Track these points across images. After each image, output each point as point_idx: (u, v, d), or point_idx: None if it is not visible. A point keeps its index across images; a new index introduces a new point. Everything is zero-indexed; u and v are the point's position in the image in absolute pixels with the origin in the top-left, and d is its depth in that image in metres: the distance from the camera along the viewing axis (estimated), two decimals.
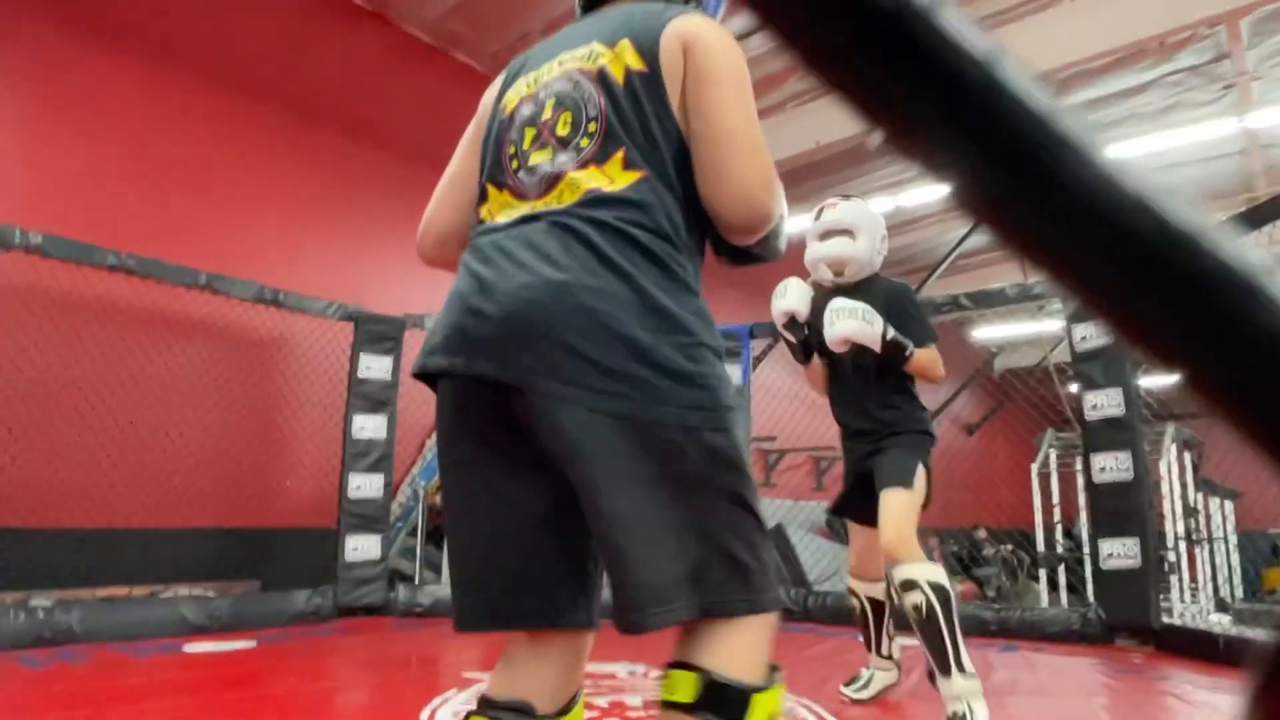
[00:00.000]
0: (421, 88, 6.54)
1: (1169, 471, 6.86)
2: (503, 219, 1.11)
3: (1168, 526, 6.39)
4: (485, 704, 1.12)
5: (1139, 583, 4.05)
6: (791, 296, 2.63)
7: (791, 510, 8.82)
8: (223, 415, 4.90)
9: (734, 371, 5.50)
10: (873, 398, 2.60)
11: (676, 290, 1.03)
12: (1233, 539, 9.10)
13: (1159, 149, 7.34)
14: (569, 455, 0.98)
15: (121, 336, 4.43)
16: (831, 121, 7.20)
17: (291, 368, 5.32)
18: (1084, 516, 6.78)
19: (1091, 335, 4.37)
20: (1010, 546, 9.48)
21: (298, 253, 5.42)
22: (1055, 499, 8.11)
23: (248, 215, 5.23)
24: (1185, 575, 6.97)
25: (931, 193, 8.08)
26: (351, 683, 3.16)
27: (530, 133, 1.13)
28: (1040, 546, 8.13)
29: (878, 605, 2.80)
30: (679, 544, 0.97)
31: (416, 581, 5.36)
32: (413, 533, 5.74)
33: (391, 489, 5.10)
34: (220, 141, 5.13)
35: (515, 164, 1.13)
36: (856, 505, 2.69)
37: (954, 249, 9.97)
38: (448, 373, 1.10)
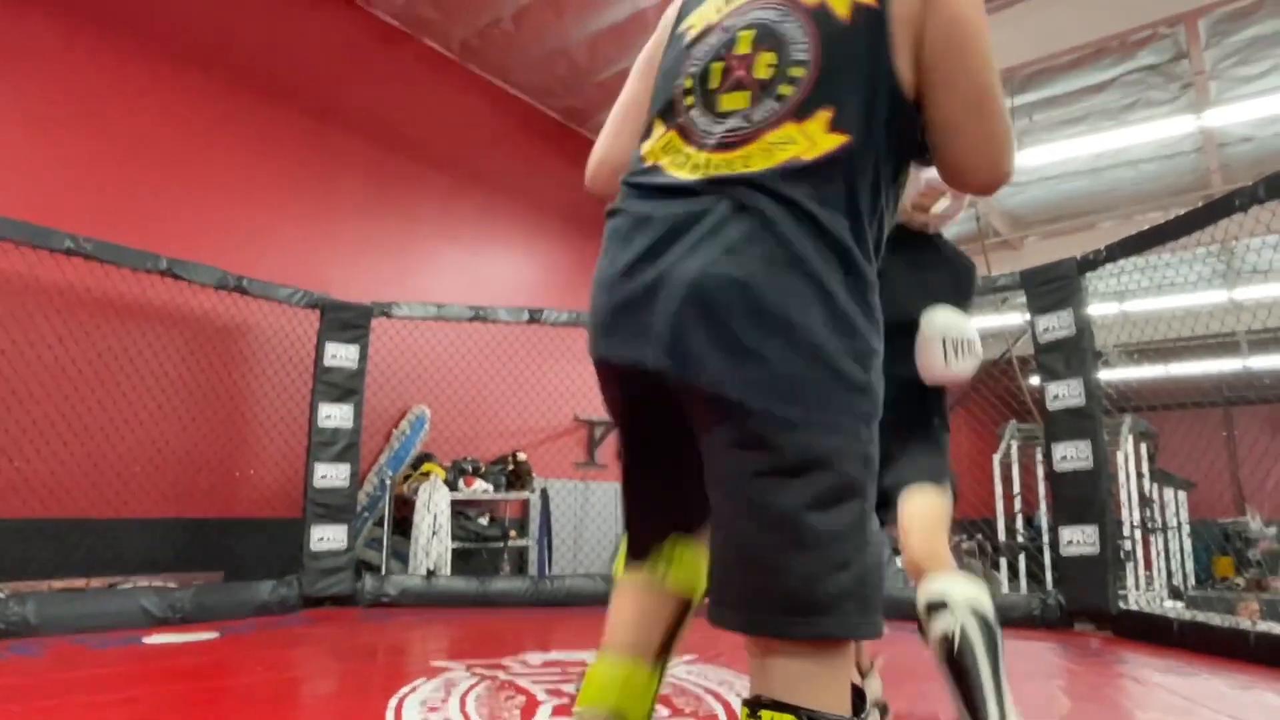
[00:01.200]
0: (390, 72, 6.46)
1: (1126, 462, 7.01)
2: (672, 170, 0.99)
3: (1124, 515, 6.53)
4: None
5: (1097, 569, 4.15)
6: (969, 359, 2.52)
7: None
8: (185, 404, 4.82)
9: None
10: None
11: (857, 291, 0.93)
12: (1186, 528, 9.34)
13: (1119, 145, 7.48)
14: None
15: (79, 323, 4.33)
16: None
17: (256, 356, 5.25)
18: (1044, 506, 6.91)
19: (1054, 328, 4.45)
20: (977, 538, 9.64)
21: (263, 239, 5.33)
22: (1016, 488, 8.25)
23: (212, 200, 5.14)
24: (1140, 563, 7.13)
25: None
26: (318, 673, 3.14)
27: (717, 69, 1.00)
28: (1001, 535, 8.28)
29: None
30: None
31: (383, 571, 5.34)
32: (380, 522, 5.71)
33: (358, 478, 5.05)
34: (184, 124, 5.02)
35: (691, 101, 1.01)
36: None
37: None
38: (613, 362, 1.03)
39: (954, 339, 1.86)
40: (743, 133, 0.95)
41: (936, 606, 1.62)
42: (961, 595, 1.61)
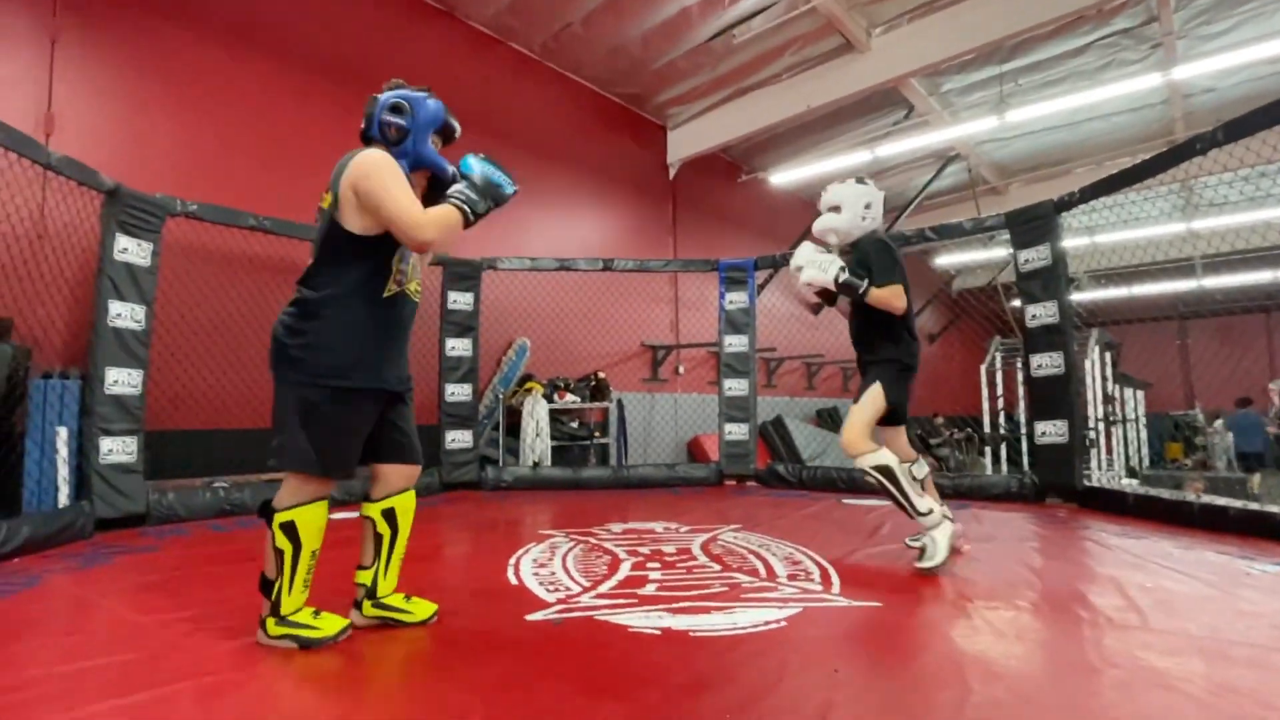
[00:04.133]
0: (484, 71, 6.36)
1: (1092, 368, 6.72)
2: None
3: (1090, 411, 6.30)
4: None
5: (1066, 454, 4.03)
6: (803, 262, 2.58)
7: (789, 405, 8.85)
8: None
9: (742, 296, 5.44)
10: (862, 334, 2.68)
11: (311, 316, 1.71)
12: (1143, 420, 8.98)
13: (1094, 101, 6.92)
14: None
15: (263, 281, 4.49)
16: (821, 88, 6.89)
17: None
18: (1022, 405, 6.72)
19: (1033, 259, 4.23)
20: (966, 431, 9.46)
21: None
22: (1000, 391, 8.03)
23: None
24: (1103, 449, 6.91)
25: (901, 146, 7.75)
26: (456, 539, 3.28)
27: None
28: (987, 429, 8.10)
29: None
30: None
31: (500, 464, 5.51)
32: (496, 427, 5.87)
33: (478, 394, 5.18)
34: (333, 125, 5.05)
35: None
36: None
37: (920, 192, 9.65)
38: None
39: (797, 262, 2.61)
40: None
41: (863, 472, 2.48)
42: (868, 463, 2.45)
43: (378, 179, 1.63)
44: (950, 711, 1.30)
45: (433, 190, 1.87)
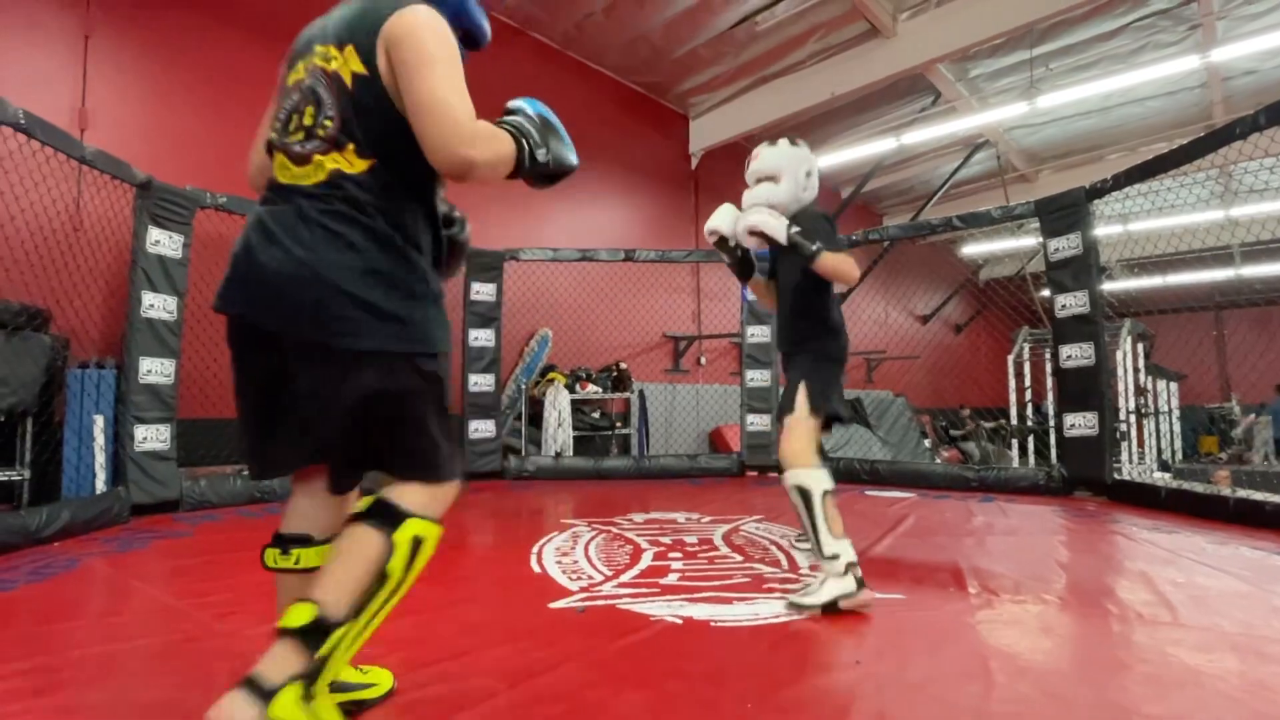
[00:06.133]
0: (507, 61, 6.36)
1: (1124, 359, 6.58)
2: (280, 180, 1.11)
3: (1121, 403, 6.18)
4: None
5: (1096, 447, 3.97)
6: (716, 218, 2.30)
7: None
8: None
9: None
10: (792, 318, 2.26)
11: (391, 252, 1.07)
12: (1176, 413, 8.77)
13: (1128, 85, 6.74)
14: (306, 375, 1.06)
15: None
16: (844, 76, 6.79)
17: None
18: (1051, 397, 6.60)
19: (1063, 248, 4.15)
20: (999, 421, 9.33)
21: None
22: (1027, 383, 7.90)
23: None
24: (1134, 442, 6.77)
25: (928, 133, 7.62)
26: (480, 528, 3.31)
27: (294, 117, 1.10)
28: (1014, 420, 7.98)
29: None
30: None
31: (523, 453, 5.56)
32: (518, 417, 5.92)
33: (500, 385, 5.23)
34: None
35: (290, 138, 1.10)
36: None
37: (948, 179, 9.49)
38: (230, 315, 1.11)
39: (748, 205, 2.22)
40: (303, 157, 1.08)
41: (790, 488, 2.05)
42: (793, 481, 2.04)
43: (426, 41, 1.03)
44: (975, 706, 1.29)
45: None
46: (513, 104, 1.20)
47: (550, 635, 1.68)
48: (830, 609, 1.86)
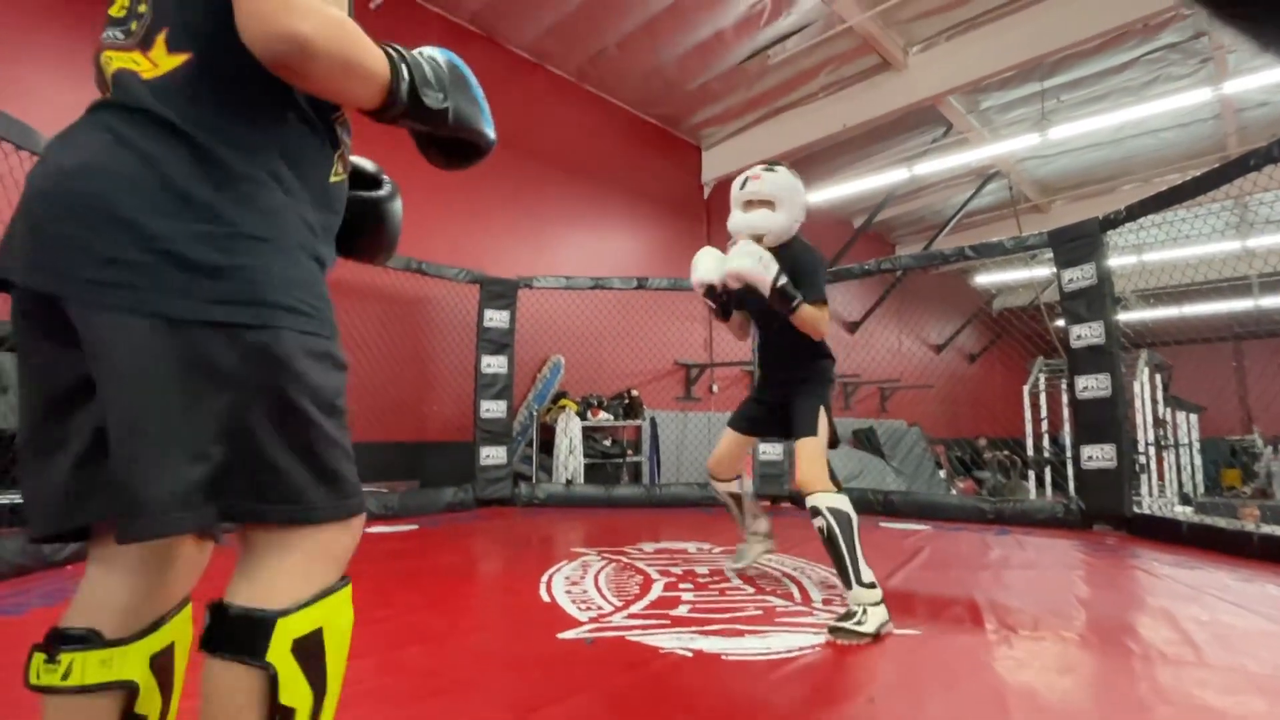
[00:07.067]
0: (525, 93, 6.50)
1: (1142, 390, 6.49)
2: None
3: (1139, 435, 6.08)
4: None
5: (1114, 479, 3.90)
6: (703, 268, 2.33)
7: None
8: (387, 357, 5.10)
9: None
10: (791, 346, 2.34)
11: (214, 177, 0.70)
12: (1196, 445, 8.62)
13: (1140, 117, 6.76)
14: (91, 355, 0.67)
15: (342, 303, 4.62)
16: (857, 108, 6.87)
17: (434, 320, 5.49)
18: (1067, 427, 6.52)
19: (1078, 279, 4.13)
20: (1006, 452, 9.22)
21: (435, 231, 5.51)
22: (1044, 414, 7.81)
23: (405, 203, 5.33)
24: (1154, 475, 6.65)
25: (940, 164, 7.66)
26: (489, 555, 3.30)
27: (109, 23, 0.79)
28: (1030, 452, 7.87)
29: (735, 497, 2.76)
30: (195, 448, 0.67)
31: (534, 480, 5.54)
32: (530, 444, 5.91)
33: (512, 411, 5.23)
34: (388, 151, 5.20)
35: (99, 54, 0.78)
36: (748, 422, 2.59)
37: (960, 209, 9.51)
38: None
39: (738, 250, 2.19)
40: (105, 65, 0.76)
41: (814, 511, 2.08)
42: (825, 504, 2.07)
43: None
44: None
45: None
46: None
47: (559, 666, 1.66)
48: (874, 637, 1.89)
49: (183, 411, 0.66)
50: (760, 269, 2.12)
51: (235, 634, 0.69)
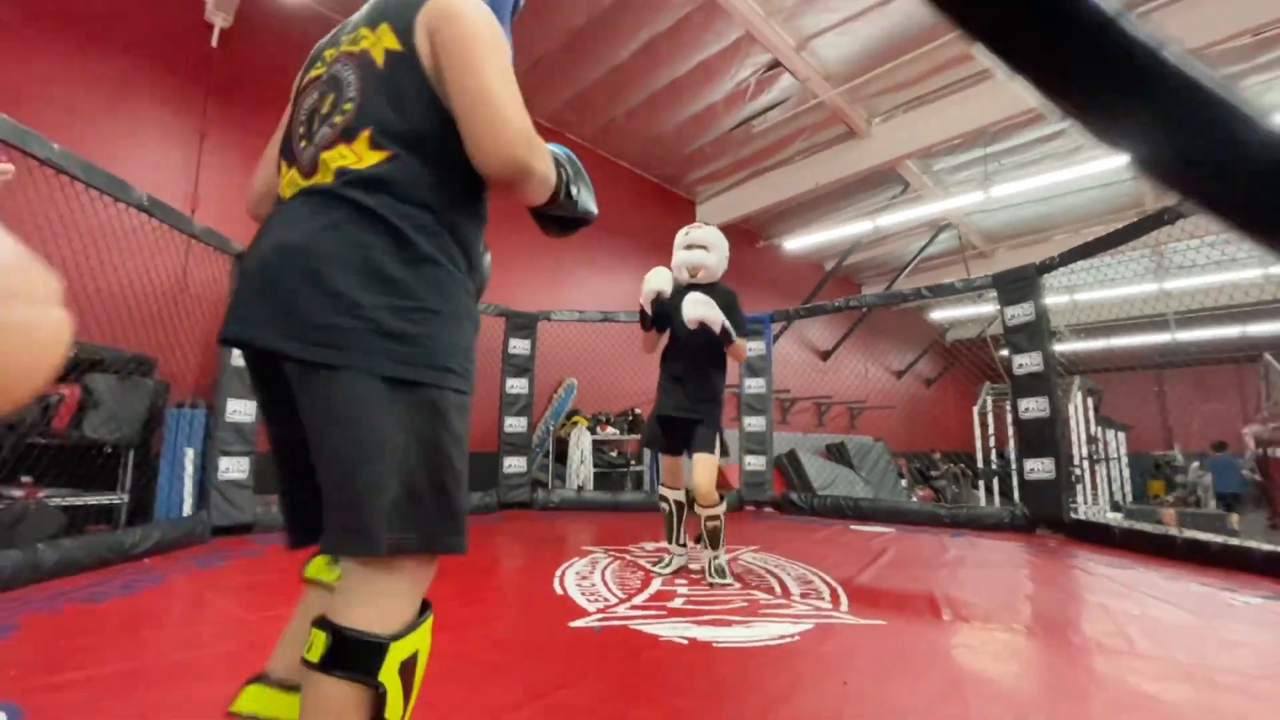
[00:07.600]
0: None
1: (1076, 411, 6.46)
2: (287, 195, 0.80)
3: (1075, 450, 6.03)
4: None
5: (1053, 489, 3.86)
6: (660, 279, 2.56)
7: (801, 440, 8.68)
8: None
9: (759, 345, 5.41)
10: (705, 374, 2.55)
11: (405, 258, 0.72)
12: (1124, 459, 8.54)
13: (1069, 179, 6.81)
14: (304, 405, 0.71)
15: None
16: (828, 169, 6.95)
17: None
18: (1012, 443, 6.46)
19: (1019, 315, 4.13)
20: (960, 464, 9.15)
21: None
22: (991, 431, 7.76)
23: None
24: (1089, 485, 6.58)
25: (898, 216, 7.72)
26: (510, 552, 3.26)
27: (311, 118, 0.81)
28: (980, 464, 7.81)
29: (680, 505, 2.73)
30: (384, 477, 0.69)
31: (549, 487, 5.50)
32: (546, 455, 5.88)
33: (531, 426, 5.22)
34: None
35: (301, 143, 0.81)
36: (669, 444, 2.65)
37: (917, 255, 9.56)
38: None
39: (694, 299, 2.44)
40: (315, 156, 0.78)
41: (710, 518, 2.46)
42: (719, 510, 2.45)
43: (479, 24, 0.75)
44: None
45: None
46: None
47: (570, 652, 1.63)
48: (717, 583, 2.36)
49: (381, 448, 0.68)
50: (715, 313, 2.39)
51: (351, 654, 0.65)
